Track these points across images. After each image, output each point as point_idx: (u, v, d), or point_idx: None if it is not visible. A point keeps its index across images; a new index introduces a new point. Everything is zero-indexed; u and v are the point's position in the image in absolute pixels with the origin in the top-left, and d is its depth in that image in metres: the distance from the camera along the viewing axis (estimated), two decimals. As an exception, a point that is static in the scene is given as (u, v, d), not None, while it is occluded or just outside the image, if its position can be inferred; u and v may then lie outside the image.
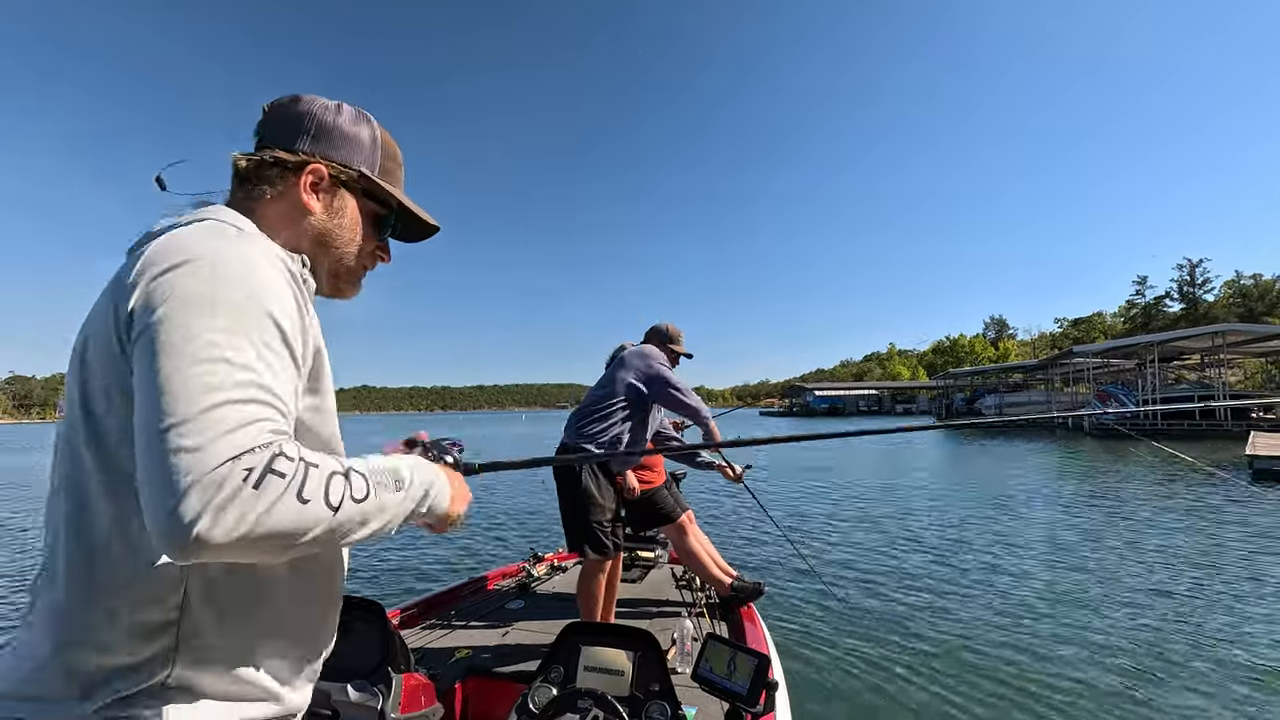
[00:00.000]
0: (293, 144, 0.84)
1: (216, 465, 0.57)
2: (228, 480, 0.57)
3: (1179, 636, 4.34)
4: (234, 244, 0.71)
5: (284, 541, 0.61)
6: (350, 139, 0.88)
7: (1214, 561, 6.29)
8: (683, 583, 3.61)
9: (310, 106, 0.87)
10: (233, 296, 0.65)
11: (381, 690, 1.53)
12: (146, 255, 0.68)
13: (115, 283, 0.70)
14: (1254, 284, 69.52)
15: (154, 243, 0.70)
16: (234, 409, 0.60)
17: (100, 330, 0.68)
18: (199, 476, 0.56)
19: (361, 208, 0.91)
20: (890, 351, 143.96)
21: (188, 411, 0.58)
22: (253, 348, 0.64)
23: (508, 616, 3.09)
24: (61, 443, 0.72)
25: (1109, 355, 33.66)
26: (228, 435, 0.58)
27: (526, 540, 7.65)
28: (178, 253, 0.67)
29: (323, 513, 0.63)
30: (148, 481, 0.58)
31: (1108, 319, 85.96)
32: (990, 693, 3.61)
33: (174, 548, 0.57)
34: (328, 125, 0.86)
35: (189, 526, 0.55)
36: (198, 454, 0.57)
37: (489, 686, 2.37)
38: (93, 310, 0.72)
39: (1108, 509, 9.43)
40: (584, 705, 1.54)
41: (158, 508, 0.56)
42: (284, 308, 0.69)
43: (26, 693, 0.66)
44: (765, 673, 1.57)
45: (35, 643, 0.68)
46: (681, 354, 3.21)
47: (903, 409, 76.66)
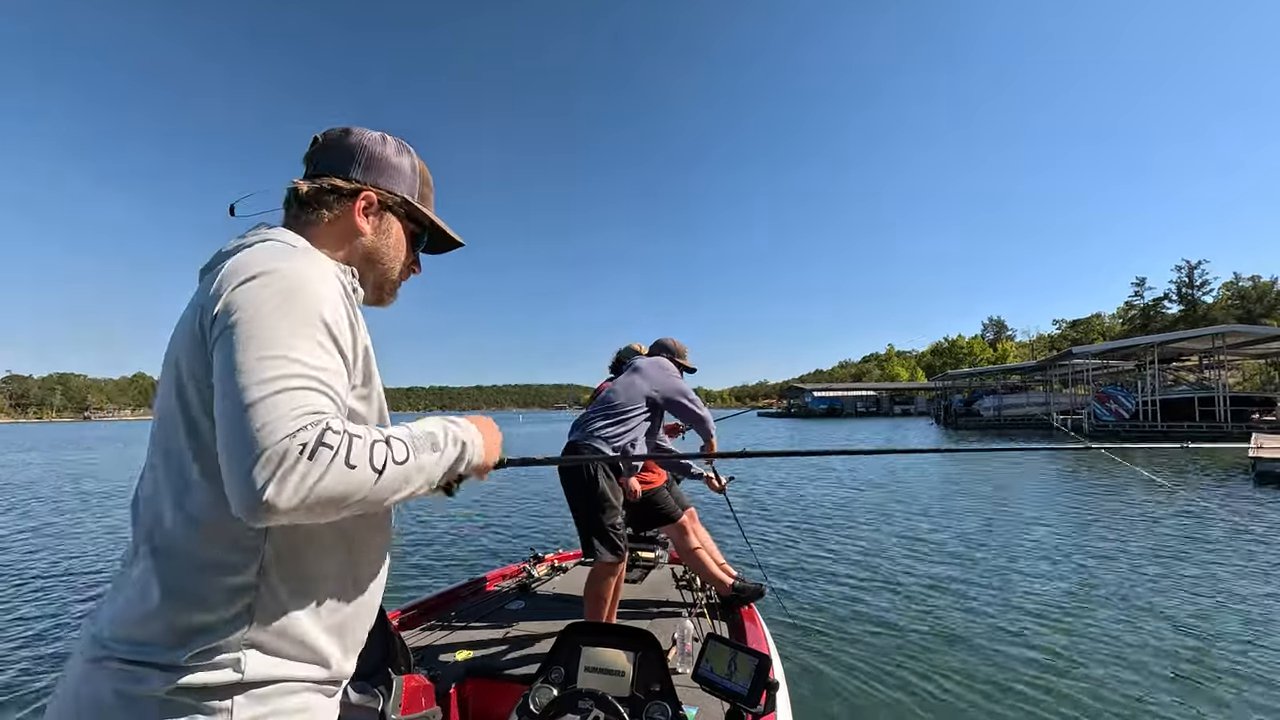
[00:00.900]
0: (347, 172, 0.98)
1: (278, 440, 0.69)
2: (288, 453, 0.69)
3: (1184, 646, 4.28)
4: (295, 261, 0.84)
5: (339, 502, 0.74)
6: (395, 168, 1.03)
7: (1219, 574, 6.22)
8: (683, 583, 3.60)
9: (361, 139, 1.01)
10: (294, 304, 0.79)
11: (382, 691, 1.52)
12: (224, 271, 0.82)
13: (199, 296, 0.84)
14: (1252, 286, 69.67)
15: (229, 261, 0.84)
16: (291, 395, 0.73)
17: (188, 335, 0.82)
18: (263, 450, 0.69)
19: (406, 230, 1.06)
20: (889, 352, 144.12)
21: (254, 397, 0.71)
22: (309, 346, 0.78)
23: (508, 617, 3.08)
24: (160, 427, 0.86)
25: (1108, 356, 33.67)
26: (286, 415, 0.71)
27: (526, 541, 7.66)
28: (250, 268, 0.81)
29: (368, 475, 0.76)
30: (225, 458, 0.72)
31: (1106, 320, 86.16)
32: (989, 692, 3.64)
33: (247, 512, 0.70)
34: (377, 156, 1.01)
35: (259, 494, 0.68)
36: (262, 432, 0.69)
37: (489, 687, 2.37)
38: (181, 321, 0.87)
39: (1110, 513, 9.36)
40: (585, 706, 1.54)
41: (233, 479, 0.70)
42: (335, 314, 0.83)
43: (137, 637, 0.79)
44: (766, 673, 1.56)
45: (142, 594, 0.80)
46: (686, 368, 3.33)
47: (901, 410, 76.76)
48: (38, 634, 4.84)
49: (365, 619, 0.96)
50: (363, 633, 0.96)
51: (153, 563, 0.81)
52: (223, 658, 0.78)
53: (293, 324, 0.78)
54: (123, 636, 0.79)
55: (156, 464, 0.85)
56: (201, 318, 0.80)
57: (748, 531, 8.15)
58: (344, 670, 0.91)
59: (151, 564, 0.81)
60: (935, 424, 47.44)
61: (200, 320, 0.80)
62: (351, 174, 0.98)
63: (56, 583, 6.26)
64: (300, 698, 0.84)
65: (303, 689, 0.84)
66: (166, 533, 0.81)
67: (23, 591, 5.95)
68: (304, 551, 0.85)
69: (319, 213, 0.96)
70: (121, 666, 0.78)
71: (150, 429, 0.89)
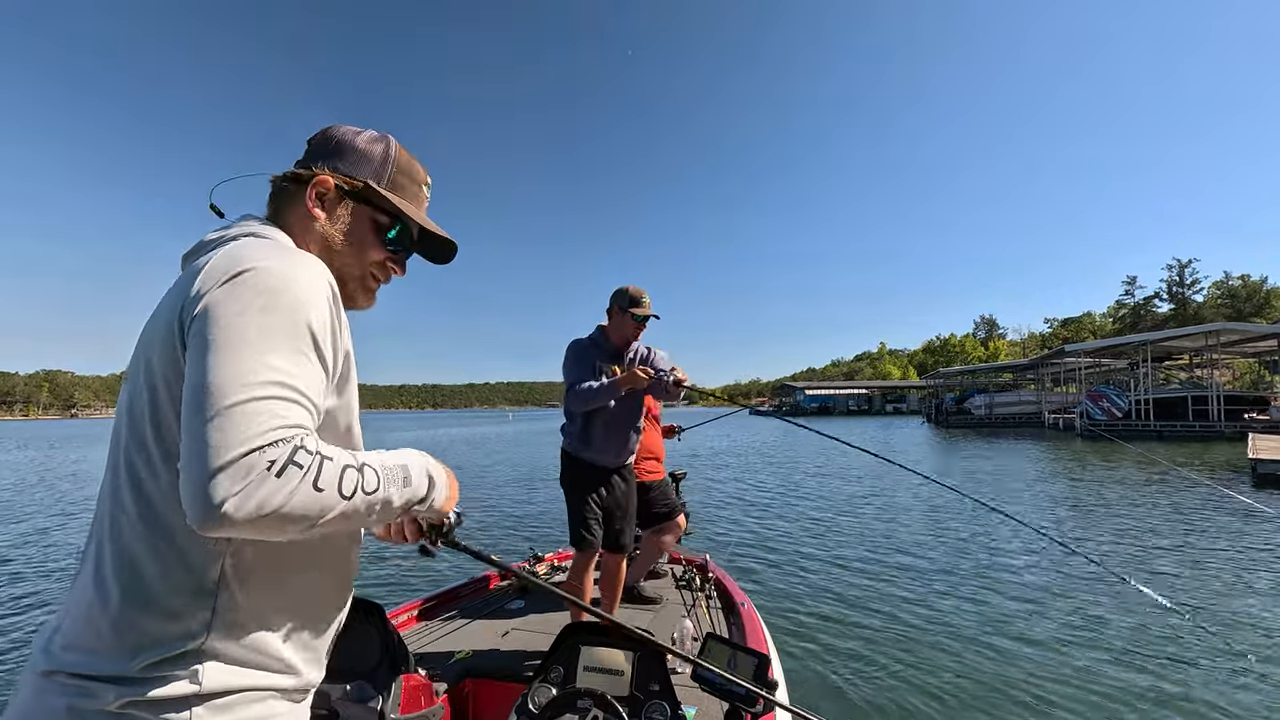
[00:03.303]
0: (313, 164, 0.95)
1: (245, 453, 0.66)
2: (254, 467, 0.66)
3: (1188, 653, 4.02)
4: (284, 260, 0.79)
5: (298, 523, 0.71)
6: (362, 154, 0.97)
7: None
8: (682, 582, 3.54)
9: (336, 131, 0.98)
10: (278, 307, 0.75)
11: (381, 691, 1.51)
12: (208, 266, 0.77)
13: (177, 289, 0.80)
14: (1242, 285, 69.93)
15: (212, 255, 0.80)
16: (264, 404, 0.69)
17: (164, 331, 0.78)
18: (228, 462, 0.66)
19: (369, 218, 0.97)
20: (881, 350, 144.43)
21: (223, 403, 0.67)
22: (290, 353, 0.74)
23: (508, 617, 3.08)
24: (124, 422, 0.81)
25: (1100, 354, 33.37)
26: (257, 426, 0.68)
27: (526, 541, 7.59)
28: (236, 264, 0.76)
29: (334, 500, 0.73)
30: (186, 462, 0.68)
31: (1097, 319, 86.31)
32: (988, 690, 3.64)
33: (201, 522, 0.66)
34: (345, 144, 0.96)
35: (217, 506, 0.65)
36: (229, 442, 0.66)
37: (489, 687, 2.36)
38: (156, 312, 0.82)
39: (1112, 515, 9.01)
40: (584, 705, 1.55)
41: (191, 487, 0.66)
42: (319, 316, 0.78)
43: (89, 646, 0.75)
44: (765, 672, 1.56)
45: (94, 601, 0.76)
46: (647, 316, 2.84)
47: (893, 409, 76.72)
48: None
49: (333, 625, 0.92)
50: (330, 639, 0.91)
51: (108, 568, 0.77)
52: (179, 669, 0.74)
53: (275, 328, 0.74)
54: (74, 646, 0.75)
55: (118, 464, 0.80)
56: (181, 314, 0.76)
57: (747, 531, 8.18)
58: (311, 678, 0.87)
59: (106, 569, 0.77)
60: (926, 422, 47.18)
61: (180, 316, 0.76)
62: (314, 163, 0.94)
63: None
64: (264, 705, 0.80)
65: (267, 697, 0.81)
66: (123, 536, 0.77)
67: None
68: (270, 557, 0.81)
69: (286, 204, 0.93)
70: (71, 681, 0.73)
71: (113, 426, 0.84)
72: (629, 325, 2.82)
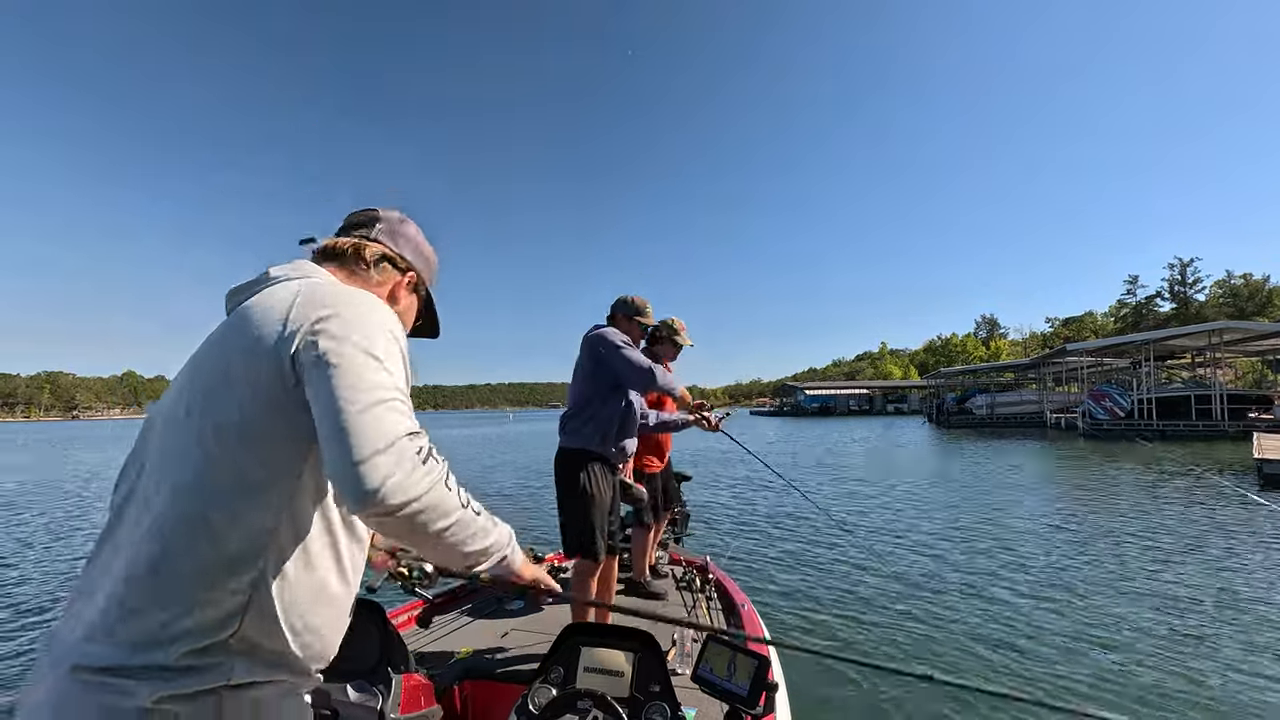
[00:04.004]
0: (401, 252, 1.17)
1: (398, 437, 0.80)
2: (407, 451, 0.80)
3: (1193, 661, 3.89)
4: (377, 302, 0.97)
5: (433, 516, 0.83)
6: (430, 265, 1.25)
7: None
8: (683, 583, 3.54)
9: (416, 234, 1.22)
10: (377, 328, 0.90)
11: (381, 690, 1.51)
12: (300, 303, 0.89)
13: (265, 315, 0.89)
14: (1244, 283, 69.71)
15: (302, 288, 0.93)
16: (400, 406, 0.85)
17: (258, 345, 0.87)
18: (387, 446, 0.79)
19: (418, 307, 1.26)
20: (882, 350, 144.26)
21: (371, 401, 0.81)
22: (397, 368, 0.89)
23: (508, 617, 3.08)
24: (170, 427, 0.88)
25: (1102, 354, 33.21)
26: (402, 423, 0.82)
27: (526, 542, 7.51)
28: (336, 298, 0.91)
29: (455, 504, 0.87)
30: (340, 452, 0.78)
31: (1099, 318, 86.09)
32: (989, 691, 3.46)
33: (362, 501, 0.77)
34: (424, 253, 1.23)
35: (379, 485, 0.76)
36: (385, 431, 0.79)
37: (488, 687, 2.35)
38: (239, 326, 0.91)
39: (1115, 517, 8.88)
40: (583, 706, 1.55)
41: (350, 469, 0.77)
42: (403, 343, 0.95)
43: (114, 637, 0.77)
44: (765, 674, 1.54)
45: (125, 593, 0.79)
46: (649, 325, 3.04)
47: (894, 409, 76.51)
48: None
49: (341, 625, 0.99)
50: (338, 636, 0.98)
51: (142, 561, 0.80)
52: (211, 659, 0.79)
53: (383, 349, 0.88)
54: (102, 639, 0.77)
55: (168, 463, 0.85)
56: (288, 336, 0.85)
57: (748, 531, 8.13)
58: (321, 666, 0.95)
59: (140, 562, 0.80)
60: (927, 422, 47.02)
61: (279, 345, 0.85)
62: (402, 250, 1.17)
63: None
64: (281, 695, 0.87)
65: (286, 690, 0.88)
66: (174, 527, 0.81)
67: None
68: (298, 560, 0.87)
69: (368, 272, 1.11)
70: (101, 677, 0.75)
71: (154, 425, 0.92)
72: (635, 332, 2.95)
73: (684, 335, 3.35)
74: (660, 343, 3.37)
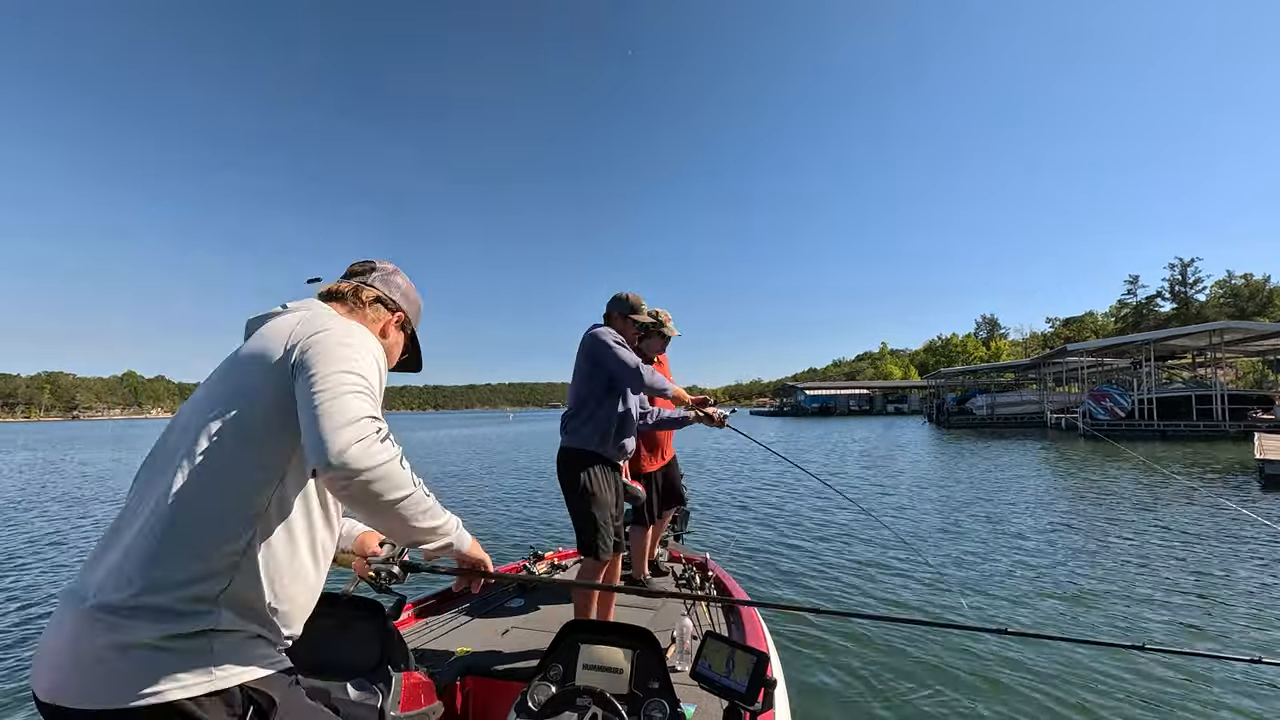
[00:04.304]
0: (392, 297, 1.42)
1: (363, 418, 0.99)
2: (368, 428, 0.99)
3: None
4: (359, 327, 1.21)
5: (387, 486, 1.00)
6: (418, 310, 1.51)
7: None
8: (682, 581, 3.54)
9: (405, 282, 1.47)
10: (358, 345, 1.12)
11: (381, 689, 1.52)
12: (303, 323, 1.14)
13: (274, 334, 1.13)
14: (1244, 284, 69.63)
15: (304, 315, 1.18)
16: (367, 395, 1.04)
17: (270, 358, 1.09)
18: (352, 420, 0.97)
19: (404, 343, 1.48)
20: (882, 350, 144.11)
21: (340, 389, 1.01)
22: (370, 372, 1.10)
23: (507, 615, 3.08)
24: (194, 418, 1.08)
25: (1103, 354, 33.18)
26: (366, 406, 1.01)
27: (526, 539, 7.59)
28: (336, 322, 1.17)
29: (408, 480, 1.05)
30: (312, 422, 0.97)
31: (1099, 318, 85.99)
32: (989, 687, 3.64)
33: (326, 462, 0.94)
34: (412, 299, 1.48)
35: (342, 449, 0.94)
36: (351, 411, 0.98)
37: (488, 685, 2.36)
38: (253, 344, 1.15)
39: (1117, 518, 8.83)
40: (583, 703, 1.56)
41: (320, 435, 0.95)
42: (381, 363, 1.17)
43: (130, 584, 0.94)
44: (764, 670, 1.55)
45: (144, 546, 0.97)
46: (645, 323, 3.03)
47: (894, 409, 76.43)
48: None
49: (310, 600, 1.16)
50: (307, 610, 1.16)
51: (159, 523, 0.98)
52: (204, 608, 0.96)
53: (358, 355, 1.09)
54: (118, 586, 0.94)
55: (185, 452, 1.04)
56: (290, 347, 1.09)
57: (747, 530, 8.16)
58: (293, 631, 1.12)
59: (165, 521, 0.98)
60: (928, 423, 46.98)
61: (287, 349, 1.09)
62: (394, 296, 1.42)
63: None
64: (259, 648, 1.03)
65: (261, 642, 1.04)
66: (187, 496, 1.00)
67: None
68: (280, 537, 1.06)
69: (364, 311, 1.34)
70: (114, 617, 0.92)
71: (179, 419, 1.13)
72: (631, 331, 2.94)
73: (670, 326, 3.33)
74: (648, 336, 3.33)
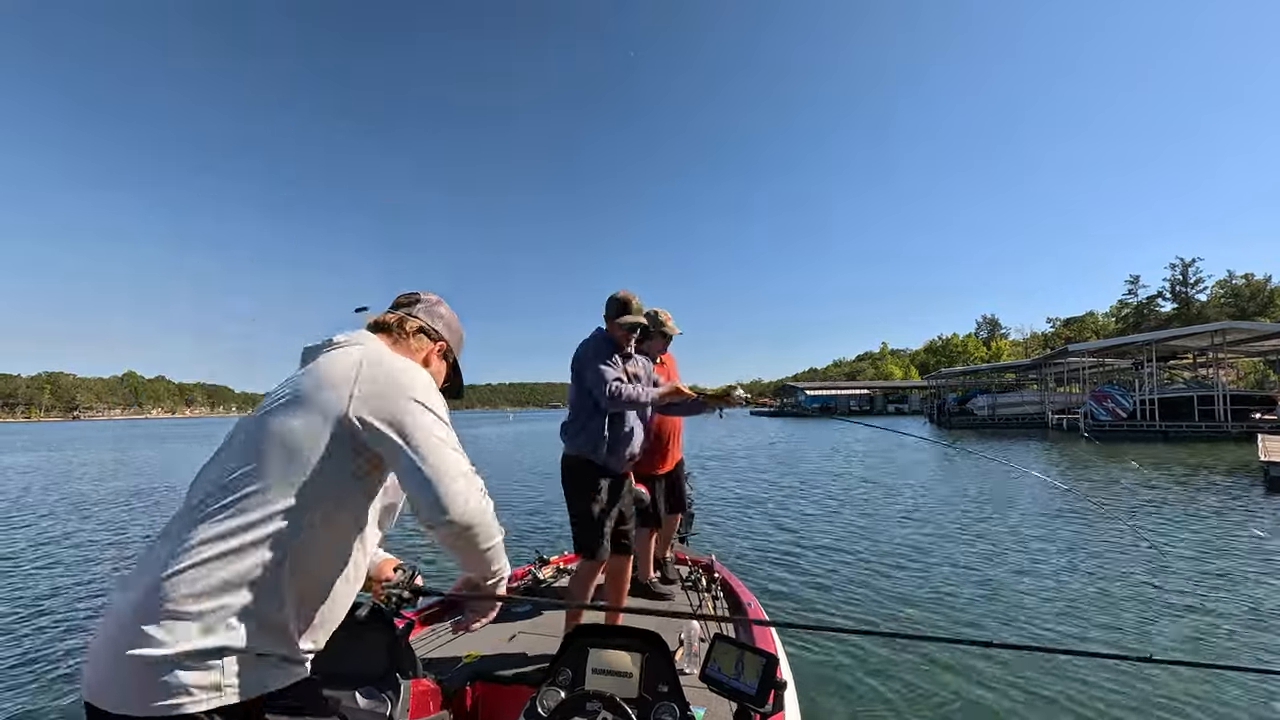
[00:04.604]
0: (434, 326, 1.49)
1: (466, 471, 1.16)
2: (475, 483, 1.16)
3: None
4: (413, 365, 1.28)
5: (484, 535, 1.18)
6: (457, 337, 1.59)
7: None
8: (689, 583, 3.52)
9: (448, 313, 1.56)
10: (433, 392, 1.24)
11: (389, 696, 1.53)
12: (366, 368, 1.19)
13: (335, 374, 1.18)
14: (1245, 284, 69.52)
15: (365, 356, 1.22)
16: (459, 447, 1.19)
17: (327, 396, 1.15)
18: (463, 473, 1.14)
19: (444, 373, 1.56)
20: (883, 350, 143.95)
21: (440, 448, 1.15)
22: (446, 415, 1.23)
23: (515, 620, 3.07)
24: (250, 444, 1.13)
25: (1104, 354, 33.10)
26: (464, 459, 1.17)
27: (532, 544, 7.57)
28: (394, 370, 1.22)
29: (498, 531, 1.23)
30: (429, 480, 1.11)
31: (1100, 319, 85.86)
32: (997, 688, 3.61)
33: (442, 515, 1.10)
34: (454, 329, 1.56)
35: (461, 502, 1.11)
36: (454, 466, 1.14)
37: (497, 691, 2.36)
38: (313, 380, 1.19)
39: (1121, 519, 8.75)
40: (592, 708, 1.56)
41: (437, 492, 1.10)
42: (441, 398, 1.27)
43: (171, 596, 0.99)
44: (774, 672, 1.54)
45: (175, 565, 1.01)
46: (630, 325, 2.83)
47: (895, 409, 76.34)
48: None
49: (337, 616, 1.22)
50: (334, 625, 1.21)
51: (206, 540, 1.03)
52: (227, 621, 1.01)
53: (439, 405, 1.22)
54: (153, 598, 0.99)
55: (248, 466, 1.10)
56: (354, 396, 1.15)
57: (754, 531, 8.17)
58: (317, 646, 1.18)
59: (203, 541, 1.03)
60: (928, 423, 46.89)
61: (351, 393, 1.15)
62: (437, 328, 1.49)
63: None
64: (277, 666, 1.07)
65: (279, 660, 1.08)
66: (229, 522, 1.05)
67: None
68: (313, 557, 1.12)
69: (408, 341, 1.42)
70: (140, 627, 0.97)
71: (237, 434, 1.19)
72: (622, 335, 2.83)
73: (671, 325, 3.34)
74: (649, 338, 3.33)
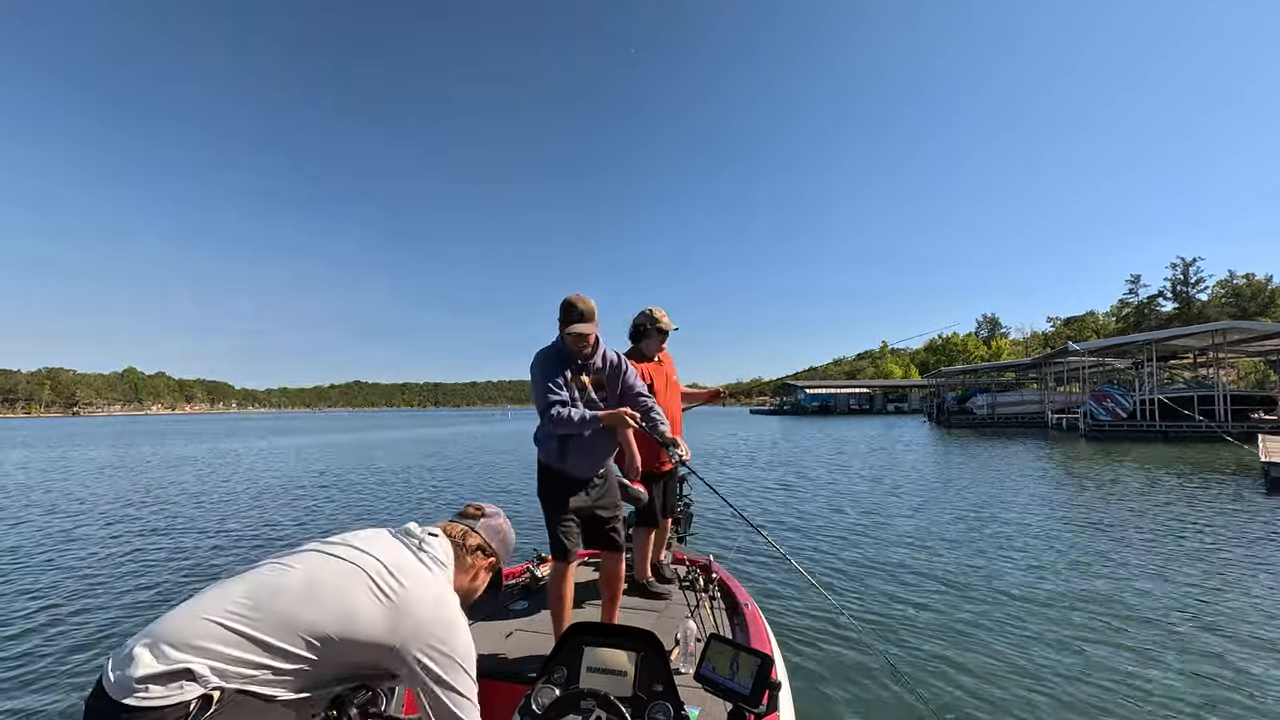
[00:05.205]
0: (490, 542, 1.64)
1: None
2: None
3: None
4: (463, 624, 1.43)
5: None
6: (506, 552, 1.70)
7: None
8: (686, 583, 3.54)
9: (504, 525, 1.70)
10: (471, 654, 1.42)
11: (384, 691, 1.54)
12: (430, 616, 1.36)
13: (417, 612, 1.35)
14: (1246, 284, 69.40)
15: (438, 601, 1.40)
16: (477, 702, 1.41)
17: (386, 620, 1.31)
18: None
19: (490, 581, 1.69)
20: (883, 349, 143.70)
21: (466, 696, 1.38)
22: (473, 668, 1.41)
23: (512, 617, 3.09)
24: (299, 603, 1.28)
25: (1104, 354, 33.02)
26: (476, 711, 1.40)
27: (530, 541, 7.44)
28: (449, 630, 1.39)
29: None
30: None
31: (1100, 318, 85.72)
32: (994, 690, 3.62)
33: None
34: (506, 543, 1.69)
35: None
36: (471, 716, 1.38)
37: (492, 688, 2.35)
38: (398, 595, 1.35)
39: (1119, 518, 8.71)
40: (587, 706, 1.57)
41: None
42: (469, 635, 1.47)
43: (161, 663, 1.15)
44: (768, 673, 1.55)
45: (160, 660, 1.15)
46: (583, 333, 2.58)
47: (894, 408, 76.25)
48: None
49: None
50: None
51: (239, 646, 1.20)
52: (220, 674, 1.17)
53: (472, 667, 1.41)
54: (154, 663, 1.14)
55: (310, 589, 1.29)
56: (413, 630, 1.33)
57: (751, 531, 8.03)
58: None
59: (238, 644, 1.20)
60: (928, 422, 46.83)
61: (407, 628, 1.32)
62: (493, 544, 1.65)
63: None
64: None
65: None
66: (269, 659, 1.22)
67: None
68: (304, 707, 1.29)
69: (466, 559, 1.56)
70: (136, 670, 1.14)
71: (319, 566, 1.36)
72: (577, 344, 2.63)
73: (665, 320, 3.33)
74: (645, 336, 3.31)
